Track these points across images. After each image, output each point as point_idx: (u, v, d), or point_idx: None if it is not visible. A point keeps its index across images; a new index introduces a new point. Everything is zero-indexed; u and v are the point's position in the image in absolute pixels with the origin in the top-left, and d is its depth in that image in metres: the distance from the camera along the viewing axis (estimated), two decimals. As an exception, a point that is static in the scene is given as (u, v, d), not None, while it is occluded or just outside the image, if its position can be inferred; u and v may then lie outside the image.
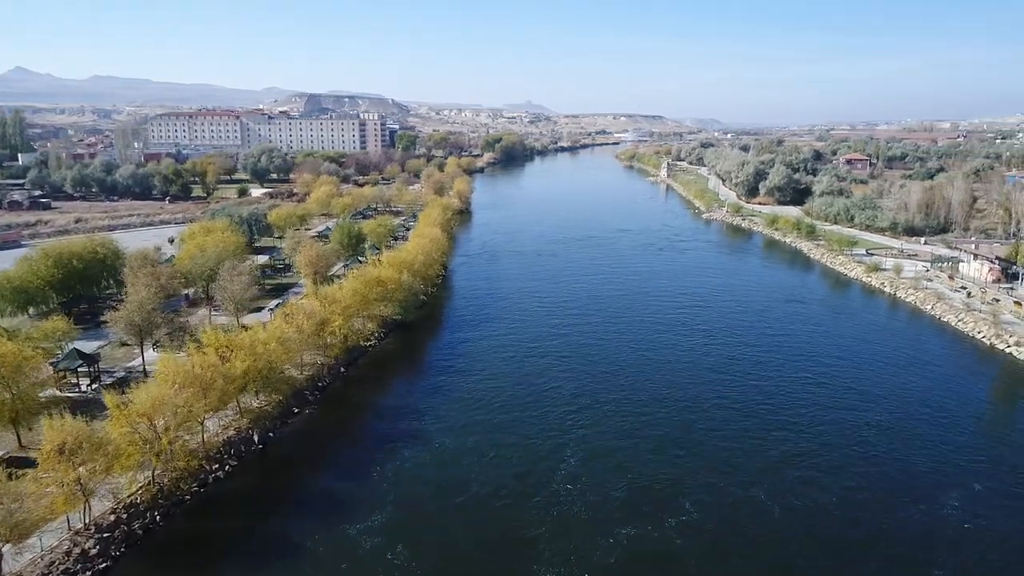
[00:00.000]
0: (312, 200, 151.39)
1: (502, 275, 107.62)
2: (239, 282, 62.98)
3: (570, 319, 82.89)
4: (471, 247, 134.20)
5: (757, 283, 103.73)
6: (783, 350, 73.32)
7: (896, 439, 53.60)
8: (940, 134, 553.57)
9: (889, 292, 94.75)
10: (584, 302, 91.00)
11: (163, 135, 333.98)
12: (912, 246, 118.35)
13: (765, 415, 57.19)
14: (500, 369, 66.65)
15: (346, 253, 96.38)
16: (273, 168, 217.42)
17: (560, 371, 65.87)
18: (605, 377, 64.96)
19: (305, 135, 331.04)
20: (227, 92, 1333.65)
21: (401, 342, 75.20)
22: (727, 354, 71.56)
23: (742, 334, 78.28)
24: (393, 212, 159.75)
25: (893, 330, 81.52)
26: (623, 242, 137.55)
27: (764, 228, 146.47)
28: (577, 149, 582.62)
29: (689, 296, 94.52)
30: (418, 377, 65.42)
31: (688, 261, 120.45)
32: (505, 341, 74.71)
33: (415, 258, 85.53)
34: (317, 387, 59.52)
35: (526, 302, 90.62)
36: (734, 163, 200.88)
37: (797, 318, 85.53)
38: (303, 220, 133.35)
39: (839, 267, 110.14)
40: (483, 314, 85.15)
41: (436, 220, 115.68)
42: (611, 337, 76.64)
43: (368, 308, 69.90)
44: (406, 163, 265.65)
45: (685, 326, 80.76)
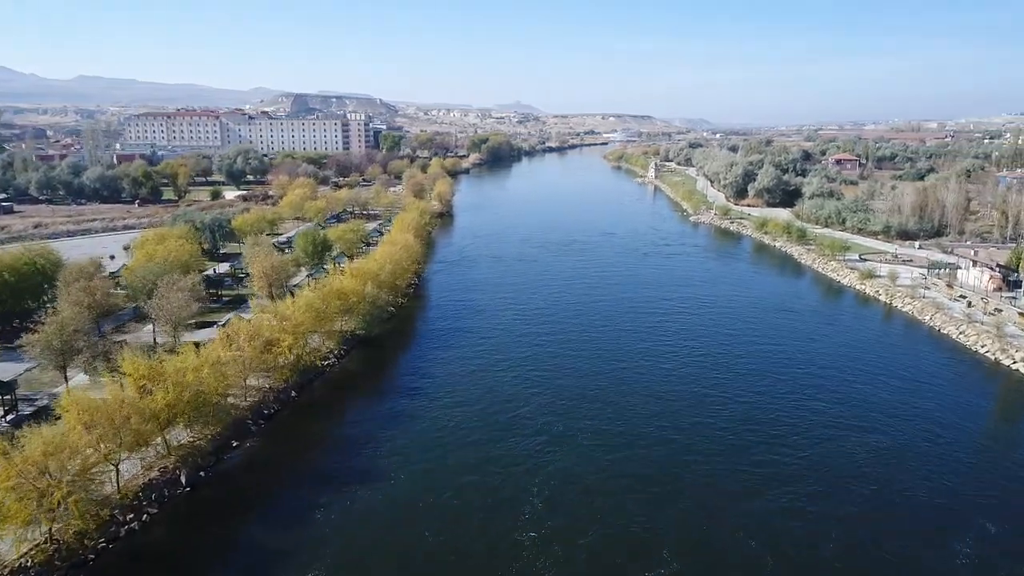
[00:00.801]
0: (284, 203, 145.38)
1: (479, 283, 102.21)
2: (176, 299, 57.09)
3: (547, 334, 77.56)
4: (449, 252, 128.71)
5: (746, 291, 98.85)
6: (773, 366, 68.33)
7: (896, 468, 48.68)
8: (928, 134, 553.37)
9: (885, 301, 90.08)
10: (563, 314, 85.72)
11: (141, 136, 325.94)
12: (906, 250, 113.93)
13: (754, 442, 52.08)
14: (468, 392, 61.18)
15: (311, 262, 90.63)
16: (249, 170, 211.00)
17: (532, 394, 60.50)
18: (581, 400, 59.68)
19: (287, 136, 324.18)
20: (214, 92, 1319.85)
21: (363, 360, 69.58)
22: (714, 370, 66.49)
23: (730, 347, 73.26)
24: (370, 216, 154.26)
25: (890, 343, 76.74)
26: (607, 247, 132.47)
27: (753, 231, 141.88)
28: (565, 149, 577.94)
29: (674, 306, 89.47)
30: (378, 402, 59.82)
31: (674, 267, 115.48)
32: (476, 359, 69.27)
33: (382, 267, 79.95)
34: (262, 415, 53.83)
35: (502, 314, 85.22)
36: (722, 164, 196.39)
37: (788, 330, 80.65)
38: (273, 225, 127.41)
39: (831, 273, 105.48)
40: (455, 328, 79.69)
41: (411, 225, 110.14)
42: (589, 354, 71.36)
43: (325, 324, 64.29)
44: (388, 164, 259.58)
45: (669, 340, 75.61)
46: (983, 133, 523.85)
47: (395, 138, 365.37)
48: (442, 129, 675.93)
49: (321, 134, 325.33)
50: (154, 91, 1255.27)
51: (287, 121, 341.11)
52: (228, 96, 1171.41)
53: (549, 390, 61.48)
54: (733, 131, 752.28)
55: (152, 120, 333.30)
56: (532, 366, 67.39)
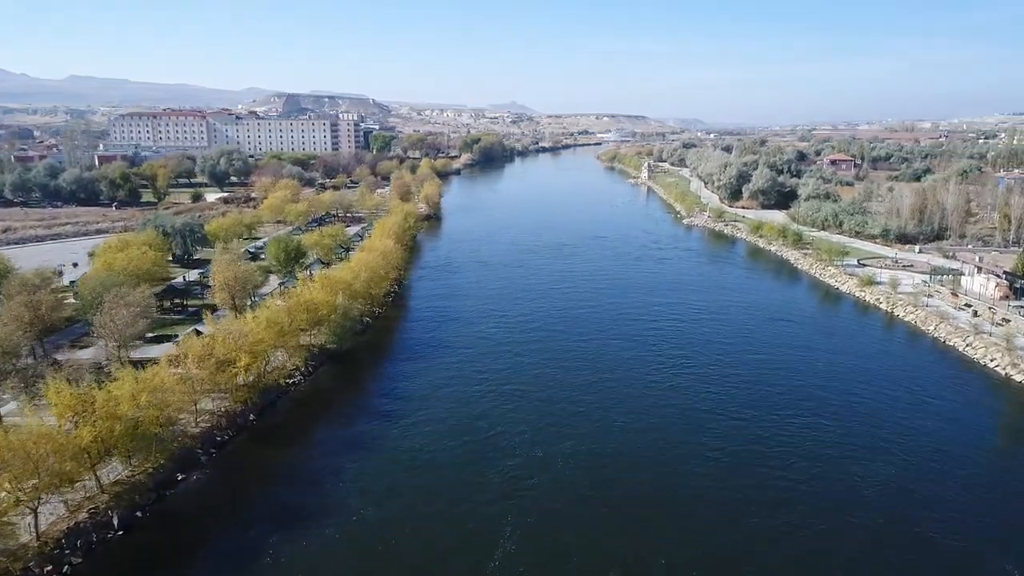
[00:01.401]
0: (264, 207, 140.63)
1: (462, 290, 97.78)
2: (121, 315, 52.48)
3: (530, 345, 73.22)
4: (434, 257, 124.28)
5: (740, 298, 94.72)
6: (769, 380, 64.20)
7: (903, 498, 44.63)
8: (921, 134, 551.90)
9: (886, 309, 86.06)
10: (547, 323, 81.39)
11: (126, 136, 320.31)
12: (906, 255, 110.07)
13: (748, 464, 47.95)
14: (444, 412, 56.81)
15: (283, 270, 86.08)
16: (233, 171, 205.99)
17: (512, 413, 56.17)
18: (563, 419, 55.40)
19: (275, 136, 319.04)
20: (207, 92, 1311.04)
21: (333, 377, 65.09)
22: (705, 385, 62.29)
23: (723, 359, 69.08)
24: (355, 219, 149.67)
25: (892, 355, 72.66)
26: (597, 250, 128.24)
27: (748, 235, 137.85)
28: (559, 150, 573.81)
29: (665, 314, 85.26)
30: (346, 424, 55.37)
31: (666, 272, 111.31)
32: (454, 374, 64.90)
33: (356, 276, 75.48)
34: (214, 443, 49.31)
35: (484, 324, 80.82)
36: (716, 165, 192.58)
37: (785, 340, 76.51)
38: (251, 229, 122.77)
39: (829, 279, 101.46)
40: (434, 339, 75.24)
41: (392, 230, 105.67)
42: (573, 367, 67.04)
43: (290, 339, 59.79)
44: (377, 165, 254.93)
45: (659, 351, 71.37)
46: (977, 133, 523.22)
47: (385, 138, 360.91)
48: (435, 129, 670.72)
49: (309, 134, 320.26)
50: (147, 91, 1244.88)
51: (275, 121, 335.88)
52: (221, 96, 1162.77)
53: (530, 409, 57.17)
54: (727, 131, 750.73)
55: (137, 120, 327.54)
56: (513, 382, 63.06)
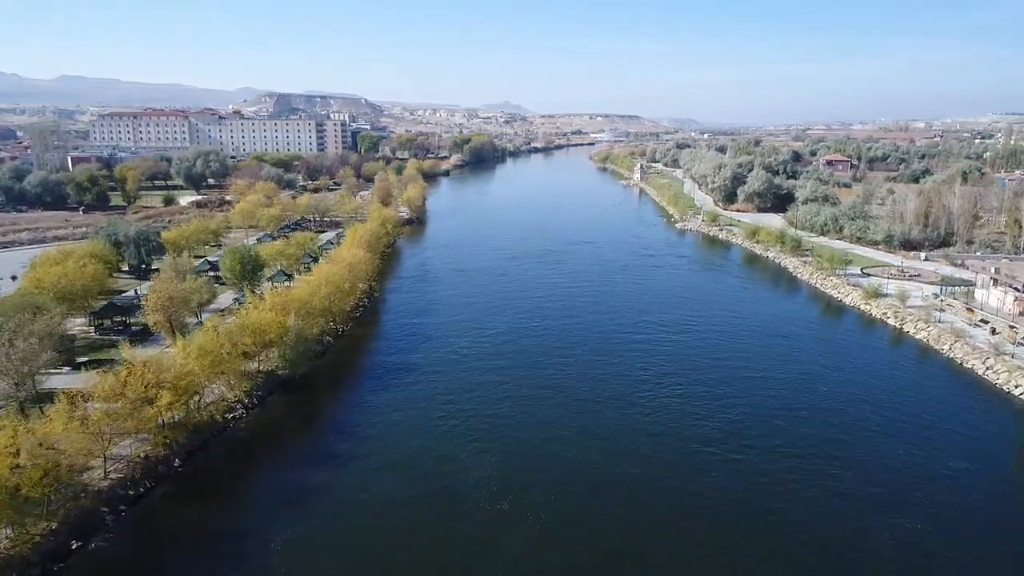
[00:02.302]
0: (235, 211, 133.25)
1: (439, 303, 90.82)
2: (18, 348, 45.23)
3: (506, 369, 66.32)
4: (413, 265, 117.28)
5: (736, 311, 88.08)
6: (768, 408, 57.60)
7: (930, 570, 37.97)
8: (916, 133, 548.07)
9: (894, 325, 79.52)
10: (527, 343, 74.49)
11: (106, 137, 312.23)
12: (912, 263, 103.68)
13: (746, 514, 41.25)
14: (403, 452, 49.97)
15: (238, 284, 78.95)
16: (210, 173, 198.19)
17: (480, 455, 49.32)
18: (536, 463, 48.64)
19: (259, 136, 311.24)
20: (199, 92, 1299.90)
21: (282, 410, 58.02)
22: (697, 415, 55.62)
23: (717, 386, 62.36)
24: (333, 224, 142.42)
25: (904, 380, 65.97)
26: (585, 257, 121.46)
27: (744, 240, 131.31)
28: (551, 150, 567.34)
29: (655, 331, 78.51)
30: (287, 470, 48.32)
31: (658, 282, 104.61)
32: (420, 405, 58.01)
33: (315, 292, 68.41)
34: (126, 498, 42.24)
35: (458, 342, 73.87)
36: (710, 166, 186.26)
37: (784, 361, 69.78)
38: (217, 235, 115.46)
39: (831, 290, 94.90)
40: (401, 362, 68.28)
41: (365, 238, 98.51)
42: (552, 394, 60.23)
43: (229, 368, 52.74)
44: (363, 166, 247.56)
45: (647, 376, 64.61)
46: (972, 133, 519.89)
47: (373, 139, 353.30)
48: (428, 129, 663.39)
49: (295, 135, 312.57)
50: (138, 91, 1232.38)
51: (259, 122, 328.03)
52: (214, 96, 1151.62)
53: (500, 447, 50.39)
54: (721, 131, 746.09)
55: (118, 121, 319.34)
56: (484, 413, 56.23)
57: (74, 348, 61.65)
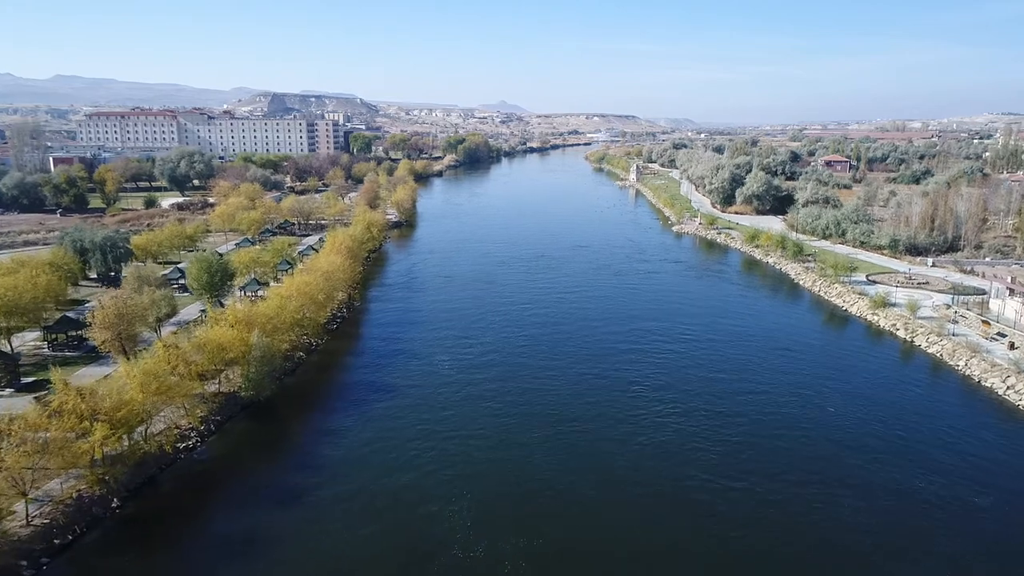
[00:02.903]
0: (215, 214, 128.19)
1: (422, 314, 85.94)
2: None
3: (488, 386, 61.53)
4: (399, 271, 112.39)
5: (735, 323, 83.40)
6: (769, 431, 53.03)
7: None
8: (912, 133, 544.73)
9: (903, 337, 74.90)
10: (512, 357, 69.65)
11: (93, 137, 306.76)
12: (919, 269, 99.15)
13: (748, 553, 36.65)
14: (374, 487, 45.19)
15: (206, 296, 74.01)
16: (194, 174, 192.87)
17: (454, 490, 44.52)
18: (515, 501, 43.90)
19: (249, 137, 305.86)
20: (194, 92, 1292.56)
21: (242, 438, 53.13)
22: (693, 440, 50.99)
23: (717, 400, 57.87)
24: (318, 227, 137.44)
25: (918, 399, 61.29)
26: (578, 263, 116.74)
27: (743, 245, 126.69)
28: (547, 150, 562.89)
29: (649, 344, 73.80)
30: (240, 509, 43.35)
31: (653, 290, 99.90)
32: (393, 429, 53.21)
33: (284, 306, 63.55)
34: (52, 547, 37.32)
35: (439, 358, 69.01)
36: (708, 167, 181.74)
37: (787, 378, 65.10)
38: (193, 241, 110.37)
39: (835, 299, 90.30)
40: (377, 381, 63.41)
41: (345, 244, 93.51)
42: (536, 415, 55.50)
43: (179, 393, 47.80)
44: (353, 167, 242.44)
45: (639, 394, 59.89)
46: (969, 133, 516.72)
47: (366, 139, 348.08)
48: (423, 129, 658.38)
49: (285, 135, 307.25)
50: (133, 91, 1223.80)
51: (249, 122, 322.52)
52: (209, 96, 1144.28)
53: (478, 480, 45.62)
54: (717, 131, 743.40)
55: (105, 121, 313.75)
56: (462, 438, 51.51)
57: (18, 367, 56.73)
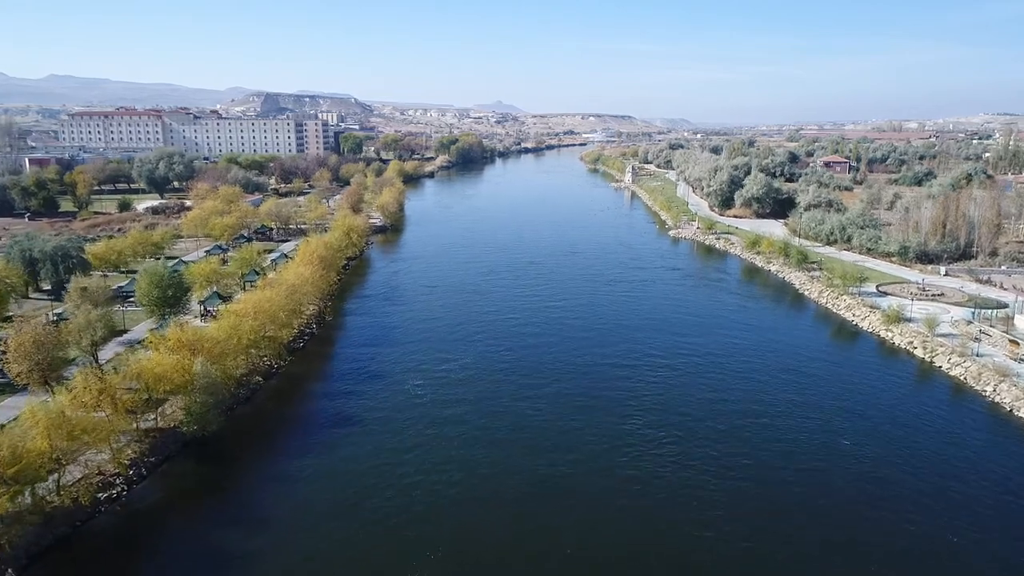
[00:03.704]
0: (187, 219, 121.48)
1: (400, 329, 79.34)
2: None
3: (464, 418, 55.06)
4: (379, 280, 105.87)
5: (736, 337, 77.03)
6: (781, 469, 46.84)
7: None
8: (910, 134, 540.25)
9: (921, 357, 68.67)
10: (492, 381, 63.08)
11: (76, 137, 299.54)
12: (932, 279, 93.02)
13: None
14: (324, 548, 38.75)
15: (157, 312, 67.42)
16: (174, 175, 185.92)
17: (419, 544, 38.15)
18: (489, 552, 37.52)
19: (235, 137, 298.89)
20: (189, 92, 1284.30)
21: (179, 483, 46.45)
22: (695, 471, 44.79)
23: (718, 433, 51.58)
24: (298, 232, 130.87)
25: (942, 429, 54.93)
26: (570, 271, 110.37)
27: (743, 251, 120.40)
28: (542, 150, 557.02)
29: (643, 362, 67.46)
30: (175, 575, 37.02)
31: (648, 301, 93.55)
32: (353, 472, 46.82)
33: (237, 326, 57.02)
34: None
35: (412, 381, 62.50)
36: (705, 169, 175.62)
37: (796, 403, 58.81)
38: (160, 248, 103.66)
39: (844, 311, 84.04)
40: (341, 411, 56.93)
41: (318, 253, 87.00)
42: (516, 453, 49.17)
43: (99, 436, 41.26)
44: (341, 168, 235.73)
45: (634, 422, 53.59)
46: (966, 133, 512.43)
47: (357, 139, 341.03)
48: (418, 129, 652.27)
49: (273, 135, 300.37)
50: (127, 90, 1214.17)
51: (236, 122, 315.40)
52: (203, 96, 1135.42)
53: (447, 533, 39.22)
54: (713, 131, 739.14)
55: (88, 120, 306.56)
56: (432, 482, 45.11)
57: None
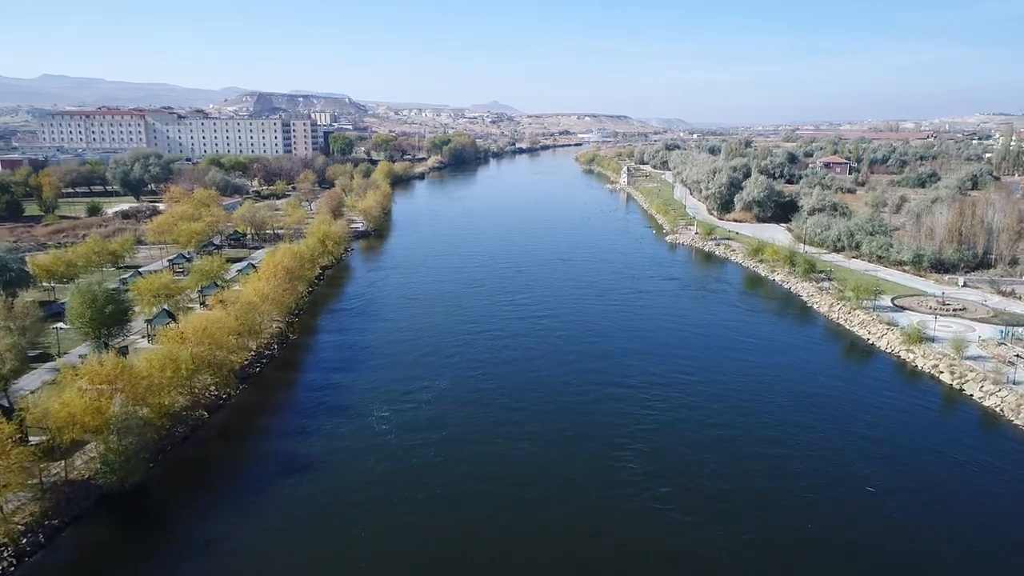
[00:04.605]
0: (151, 226, 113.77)
1: (371, 349, 71.95)
2: None
3: (432, 464, 47.82)
4: (355, 290, 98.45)
5: (739, 359, 69.83)
6: (799, 523, 39.72)
7: None
8: (907, 134, 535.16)
9: (948, 383, 61.63)
10: (468, 411, 55.83)
11: (55, 138, 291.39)
12: (950, 291, 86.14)
13: None
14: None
15: (92, 335, 59.91)
16: (149, 178, 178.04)
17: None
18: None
19: (221, 137, 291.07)
20: (184, 92, 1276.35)
21: (87, 549, 39.08)
22: (698, 531, 37.56)
23: (723, 480, 44.46)
24: (275, 238, 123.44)
25: (980, 472, 47.79)
26: (560, 280, 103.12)
27: (745, 258, 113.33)
28: (537, 151, 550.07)
29: (637, 385, 60.34)
30: None
31: (643, 315, 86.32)
32: (297, 536, 39.55)
33: (172, 357, 49.61)
34: None
35: (377, 413, 55.17)
36: (704, 171, 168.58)
37: (811, 441, 51.77)
38: (117, 258, 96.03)
39: (857, 328, 76.89)
40: (292, 453, 49.61)
41: (285, 263, 79.60)
42: (488, 505, 41.99)
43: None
44: (327, 170, 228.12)
45: (626, 468, 46.45)
46: (964, 133, 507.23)
47: (347, 139, 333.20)
48: (412, 129, 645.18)
49: (259, 135, 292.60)
50: (120, 90, 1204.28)
51: (221, 121, 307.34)
52: (198, 96, 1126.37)
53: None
54: (710, 131, 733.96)
55: (68, 120, 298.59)
56: (386, 550, 37.89)
57: None
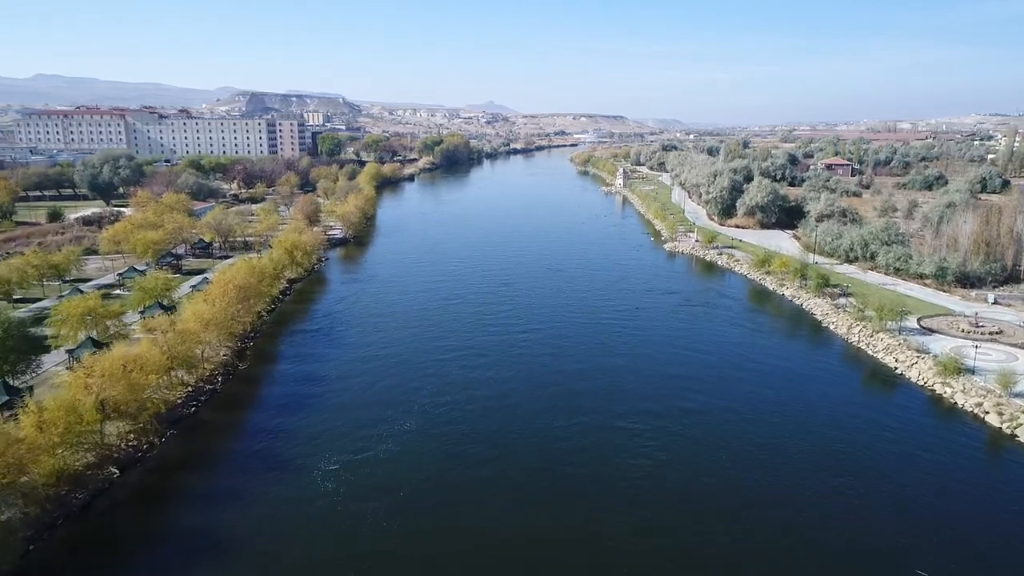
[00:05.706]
0: (107, 233, 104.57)
1: (327, 382, 63.02)
2: None
3: (386, 534, 39.20)
4: (324, 307, 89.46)
5: (748, 392, 61.10)
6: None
7: None
8: (905, 134, 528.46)
9: (995, 426, 53.06)
10: (431, 470, 47.19)
11: (32, 138, 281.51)
12: (981, 308, 77.66)
13: None
14: None
15: None
16: (119, 180, 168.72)
17: None
18: None
19: (204, 138, 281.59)
20: (178, 92, 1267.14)
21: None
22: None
23: (734, 557, 35.94)
24: (244, 246, 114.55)
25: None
26: (549, 295, 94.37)
27: (750, 270, 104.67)
28: (532, 151, 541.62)
29: (635, 421, 51.71)
30: None
31: (639, 335, 77.55)
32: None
33: (69, 408, 40.79)
34: None
35: (323, 469, 46.48)
36: (703, 173, 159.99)
37: (831, 490, 43.27)
38: (61, 272, 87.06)
39: (882, 354, 68.14)
40: (215, 524, 40.80)
41: (237, 282, 70.55)
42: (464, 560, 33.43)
43: None
44: (311, 172, 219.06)
45: (621, 532, 37.79)
46: (962, 134, 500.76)
47: (336, 140, 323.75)
48: (406, 129, 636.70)
49: (243, 136, 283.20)
50: (114, 90, 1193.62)
51: (204, 122, 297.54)
52: (192, 95, 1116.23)
53: None
54: (706, 131, 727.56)
55: (46, 120, 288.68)
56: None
57: None
